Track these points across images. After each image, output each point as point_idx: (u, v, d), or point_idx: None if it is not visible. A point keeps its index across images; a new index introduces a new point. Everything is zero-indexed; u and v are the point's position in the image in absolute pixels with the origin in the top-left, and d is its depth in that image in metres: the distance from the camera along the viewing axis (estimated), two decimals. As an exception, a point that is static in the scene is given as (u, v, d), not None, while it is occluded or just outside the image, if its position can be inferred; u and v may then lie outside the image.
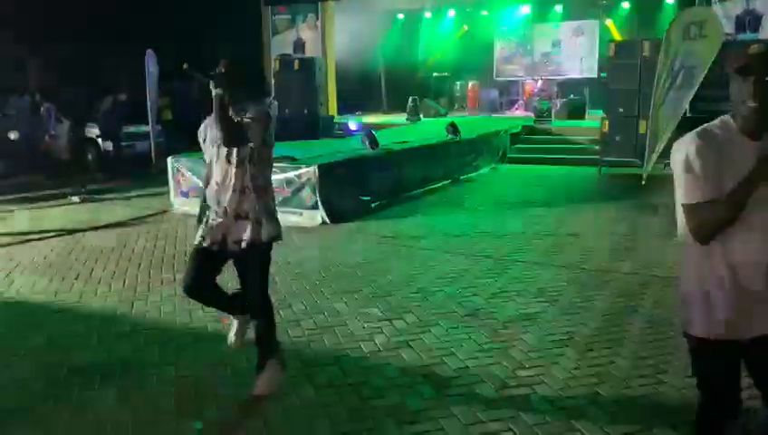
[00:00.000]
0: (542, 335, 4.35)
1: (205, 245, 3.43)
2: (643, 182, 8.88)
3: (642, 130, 10.37)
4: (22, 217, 8.91)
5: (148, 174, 12.12)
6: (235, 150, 3.34)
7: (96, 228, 7.99)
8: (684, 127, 9.36)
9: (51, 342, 4.48)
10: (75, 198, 9.99)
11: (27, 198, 10.24)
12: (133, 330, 4.67)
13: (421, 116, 16.35)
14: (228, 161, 3.36)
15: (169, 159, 9.17)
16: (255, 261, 3.47)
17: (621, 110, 11.24)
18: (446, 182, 10.66)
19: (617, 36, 16.50)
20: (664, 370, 3.79)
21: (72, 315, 5.01)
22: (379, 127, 13.83)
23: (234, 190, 3.35)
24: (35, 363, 4.13)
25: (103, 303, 5.26)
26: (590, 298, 5.07)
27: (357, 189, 8.69)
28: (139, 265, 6.34)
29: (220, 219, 3.38)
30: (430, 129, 12.84)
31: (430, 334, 4.41)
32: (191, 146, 9.89)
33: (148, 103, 13.33)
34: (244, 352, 3.87)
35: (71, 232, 7.77)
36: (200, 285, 3.52)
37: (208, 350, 4.26)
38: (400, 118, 16.53)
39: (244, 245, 3.37)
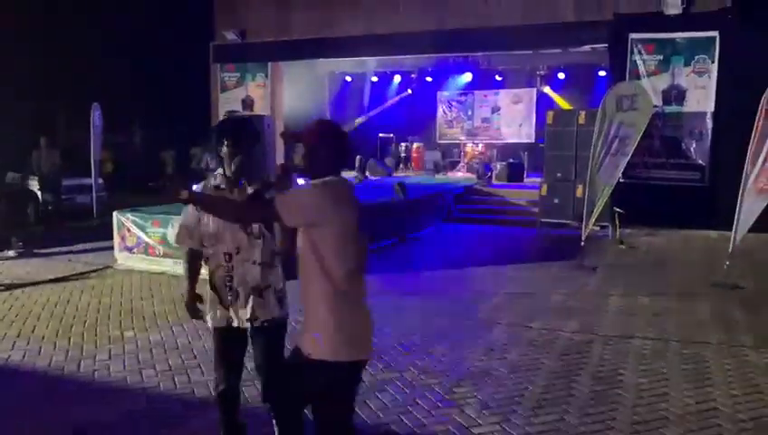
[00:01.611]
0: (493, 393, 4.48)
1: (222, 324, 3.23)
2: (582, 243, 9.29)
3: (579, 193, 10.90)
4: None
5: (88, 227, 11.85)
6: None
7: (36, 283, 7.75)
8: (618, 191, 9.97)
9: (-6, 402, 4.31)
10: (11, 252, 9.66)
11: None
12: (80, 390, 4.55)
13: (368, 175, 16.67)
14: (246, 231, 3.17)
15: (115, 214, 9.03)
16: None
17: (559, 174, 11.81)
18: (393, 241, 10.85)
19: (560, 101, 17.43)
20: (611, 426, 3.98)
21: (17, 375, 4.84)
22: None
23: (254, 263, 3.19)
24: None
25: (48, 362, 5.10)
26: (538, 357, 5.26)
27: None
28: (85, 322, 6.17)
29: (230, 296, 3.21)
30: (377, 188, 13.11)
31: (386, 392, 4.47)
32: (132, 199, 9.87)
33: (92, 156, 13.15)
34: (201, 414, 3.84)
35: (9, 287, 7.52)
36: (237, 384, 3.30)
37: (162, 411, 4.19)
38: (347, 176, 16.75)
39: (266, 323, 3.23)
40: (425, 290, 7.57)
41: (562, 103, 17.43)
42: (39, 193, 12.68)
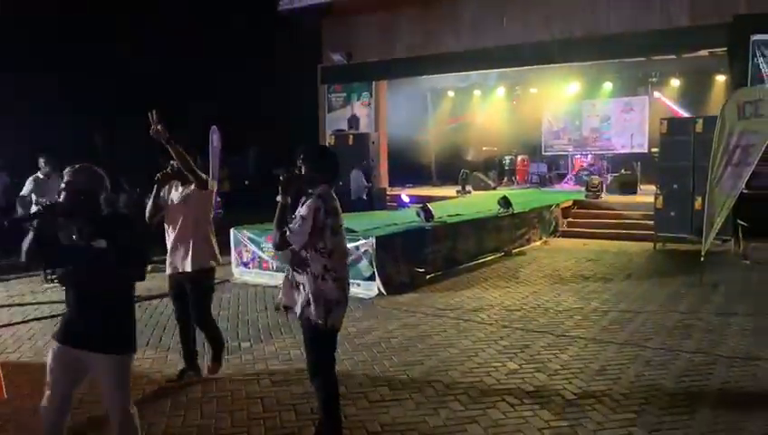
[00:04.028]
0: (608, 415, 4.33)
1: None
2: (702, 259, 8.78)
3: (698, 206, 10.33)
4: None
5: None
6: None
7: (162, 296, 8.27)
8: (742, 203, 9.35)
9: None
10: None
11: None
12: (204, 396, 4.83)
13: (471, 189, 16.60)
14: None
15: (232, 230, 9.53)
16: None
17: (675, 186, 11.25)
18: (498, 255, 10.74)
19: (674, 109, 16.58)
20: (738, 453, 3.74)
21: (147, 382, 5.21)
22: (429, 200, 14.09)
23: None
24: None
25: (173, 370, 5.44)
26: (654, 377, 5.03)
27: (412, 261, 8.85)
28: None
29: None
30: (481, 202, 13.03)
31: (494, 411, 4.44)
32: (246, 217, 10.35)
33: (210, 176, 13.92)
34: (312, 423, 3.96)
35: (138, 300, 8.09)
36: None
37: (276, 419, 4.37)
38: (450, 191, 16.80)
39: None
40: (531, 306, 7.43)
41: (677, 111, 16.59)
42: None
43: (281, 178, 3.66)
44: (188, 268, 4.96)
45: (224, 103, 18.49)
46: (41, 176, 9.20)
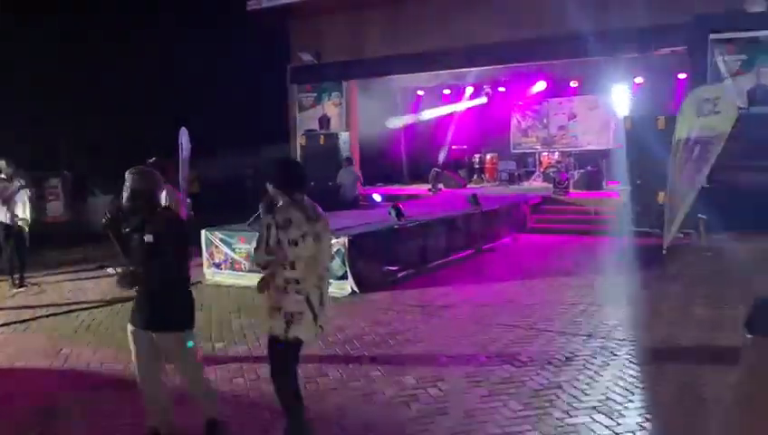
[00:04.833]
0: (573, 403, 4.49)
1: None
2: (664, 252, 9.05)
3: (661, 200, 10.61)
4: (61, 289, 9.23)
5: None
6: None
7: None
8: (703, 197, 9.65)
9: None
10: (110, 270, 10.31)
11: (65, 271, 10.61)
12: (176, 397, 4.85)
13: (441, 187, 16.77)
14: None
15: (203, 232, 9.53)
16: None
17: (639, 181, 11.54)
18: (468, 252, 10.90)
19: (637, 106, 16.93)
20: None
21: (122, 384, 5.23)
22: (401, 198, 14.23)
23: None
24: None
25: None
26: (619, 366, 5.21)
27: (384, 260, 8.95)
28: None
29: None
30: (452, 200, 13.19)
31: (466, 402, 4.56)
32: (216, 219, 10.35)
33: (180, 177, 13.84)
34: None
35: (110, 303, 8.08)
36: None
37: (250, 418, 4.44)
38: (421, 189, 16.96)
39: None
40: (501, 301, 7.59)
41: (641, 109, 16.94)
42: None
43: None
44: None
45: (193, 105, 18.36)
46: (2, 176, 9.12)
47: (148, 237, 3.67)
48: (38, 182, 14.26)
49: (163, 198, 4.97)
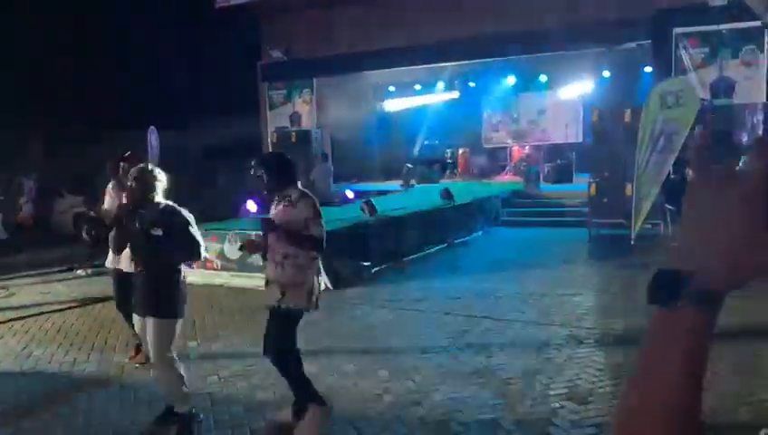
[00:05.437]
0: (542, 391, 4.59)
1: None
2: (632, 242, 9.24)
3: (628, 192, 10.81)
4: (31, 291, 9.11)
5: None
6: None
7: (106, 300, 8.18)
8: (669, 188, 9.86)
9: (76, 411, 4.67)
10: (80, 271, 10.21)
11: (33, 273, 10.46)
12: (151, 396, 4.86)
13: (414, 182, 16.85)
14: None
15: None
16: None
17: (607, 174, 11.72)
18: (441, 246, 11.00)
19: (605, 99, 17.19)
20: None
21: (92, 383, 5.20)
22: (374, 194, 14.27)
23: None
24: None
25: (120, 371, 5.46)
26: (587, 354, 5.33)
27: (358, 256, 8.99)
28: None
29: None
30: (424, 195, 13.28)
31: (437, 393, 4.64)
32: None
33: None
34: (260, 416, 4.07)
35: (83, 304, 8.00)
36: None
37: (224, 414, 4.46)
38: (394, 184, 17.02)
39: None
40: (472, 294, 7.69)
41: (608, 101, 17.21)
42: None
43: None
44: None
45: (163, 103, 18.19)
46: None
47: (156, 230, 3.99)
48: (6, 184, 14.06)
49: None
